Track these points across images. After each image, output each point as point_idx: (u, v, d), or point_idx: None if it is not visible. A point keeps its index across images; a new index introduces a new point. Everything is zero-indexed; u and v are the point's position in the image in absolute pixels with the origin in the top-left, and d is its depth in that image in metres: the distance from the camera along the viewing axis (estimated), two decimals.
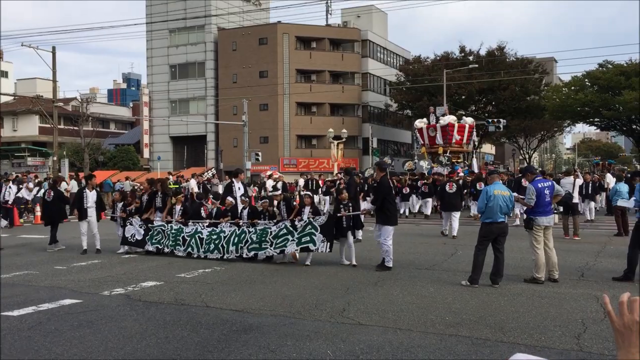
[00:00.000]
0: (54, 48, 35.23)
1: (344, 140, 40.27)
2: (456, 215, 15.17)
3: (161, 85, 56.68)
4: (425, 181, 22.51)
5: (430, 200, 22.05)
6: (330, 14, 58.97)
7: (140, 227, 12.68)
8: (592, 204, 19.95)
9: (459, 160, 28.13)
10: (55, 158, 37.05)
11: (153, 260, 11.65)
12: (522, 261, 10.82)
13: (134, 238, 12.70)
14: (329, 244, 10.62)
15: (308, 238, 10.70)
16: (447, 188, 15.54)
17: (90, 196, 13.17)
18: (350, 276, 9.51)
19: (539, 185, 9.01)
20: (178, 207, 12.98)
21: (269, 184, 27.27)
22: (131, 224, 12.78)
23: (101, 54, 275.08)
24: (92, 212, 13.12)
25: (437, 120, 28.47)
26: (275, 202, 12.13)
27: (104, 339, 5.93)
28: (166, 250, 12.27)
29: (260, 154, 40.91)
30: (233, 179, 13.99)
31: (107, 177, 37.50)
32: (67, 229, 16.10)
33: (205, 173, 37.00)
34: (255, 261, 11.15)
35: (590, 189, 19.23)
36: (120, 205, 13.39)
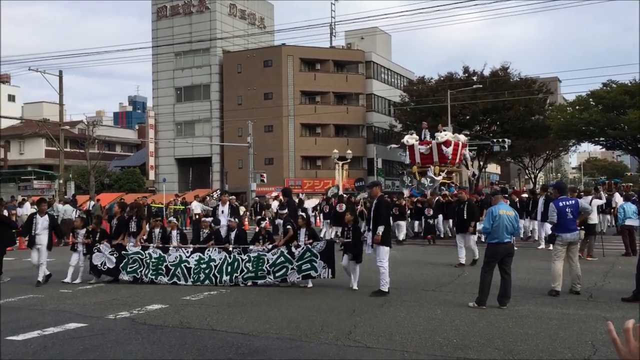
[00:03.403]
0: (60, 72, 35.61)
1: (348, 161, 40.30)
2: (474, 237, 14.39)
3: (167, 108, 57.07)
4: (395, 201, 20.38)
5: (403, 223, 20.07)
6: (334, 36, 59.45)
7: (111, 255, 11.72)
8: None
9: (452, 182, 26.49)
10: (61, 181, 37.21)
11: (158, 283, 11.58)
12: (529, 282, 10.74)
13: (105, 266, 11.73)
14: (330, 269, 10.47)
15: (309, 265, 10.54)
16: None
17: (41, 222, 11.92)
18: (356, 298, 9.44)
19: (560, 204, 9.58)
20: (157, 231, 12.29)
21: (274, 205, 27.22)
22: (99, 251, 11.80)
23: (107, 77, 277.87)
24: (41, 240, 11.84)
25: (433, 136, 26.25)
26: (281, 221, 11.94)
27: None
28: (145, 279, 11.44)
29: (265, 175, 40.99)
30: (219, 202, 13.61)
31: (112, 199, 37.53)
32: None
33: (211, 195, 37.06)
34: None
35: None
36: (82, 232, 12.28)
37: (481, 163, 52.74)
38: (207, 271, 11.15)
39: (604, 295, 9.39)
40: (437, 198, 21.52)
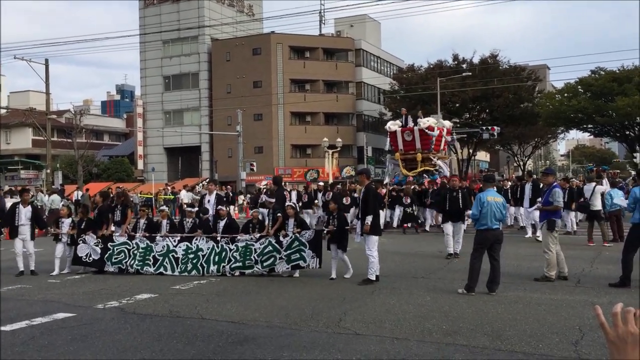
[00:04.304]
0: (46, 60, 35.30)
1: (338, 149, 40.28)
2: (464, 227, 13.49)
3: (155, 97, 56.65)
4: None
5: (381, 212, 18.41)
6: (324, 24, 59.26)
7: (97, 246, 11.52)
8: (572, 213, 17.79)
9: (435, 169, 25.41)
10: (48, 170, 36.96)
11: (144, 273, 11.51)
12: (518, 268, 10.81)
13: (90, 258, 11.54)
14: (318, 259, 10.41)
15: (298, 255, 10.48)
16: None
17: (24, 212, 11.70)
18: (346, 286, 9.46)
19: (561, 189, 9.88)
20: (142, 221, 12.11)
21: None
22: (84, 242, 11.60)
23: (95, 65, 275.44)
24: (25, 230, 11.64)
25: (415, 122, 25.35)
26: (265, 211, 11.74)
27: (97, 352, 5.87)
28: (130, 270, 11.30)
29: (255, 164, 40.88)
30: (207, 191, 13.34)
31: (101, 189, 37.34)
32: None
33: (201, 183, 36.91)
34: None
35: (566, 196, 17.53)
36: (68, 221, 12.06)
37: (470, 150, 52.90)
38: (194, 261, 11.05)
39: (592, 280, 9.47)
40: (413, 186, 20.82)
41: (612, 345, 1.46)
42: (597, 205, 14.76)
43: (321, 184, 23.07)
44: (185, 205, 21.97)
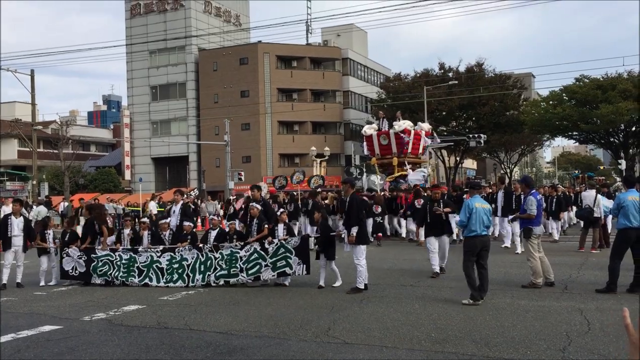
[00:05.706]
0: (32, 71, 35.03)
1: (326, 158, 40.32)
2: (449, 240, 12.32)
3: (142, 107, 56.47)
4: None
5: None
6: (311, 33, 59.48)
7: (80, 258, 11.53)
8: (559, 222, 18.30)
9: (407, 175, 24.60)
10: (34, 182, 36.64)
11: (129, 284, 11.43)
12: (506, 275, 10.86)
13: (76, 271, 11.54)
14: (305, 266, 10.29)
15: (284, 262, 10.33)
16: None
17: (16, 223, 11.68)
18: (334, 295, 9.44)
19: (538, 197, 9.89)
20: (127, 231, 11.98)
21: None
22: (68, 255, 11.63)
23: (81, 76, 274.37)
24: (18, 242, 11.65)
25: (391, 126, 24.95)
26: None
27: None
28: (116, 282, 11.26)
29: (243, 173, 40.79)
30: (173, 203, 13.03)
31: (87, 200, 37.00)
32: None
33: (191, 193, 36.68)
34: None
35: (554, 204, 17.58)
36: (52, 233, 12.18)
37: (458, 158, 53.20)
38: (179, 271, 10.90)
39: (579, 287, 9.53)
40: (382, 194, 20.10)
41: (634, 347, 1.53)
42: (598, 212, 14.78)
43: (294, 193, 22.62)
44: (154, 217, 21.27)
